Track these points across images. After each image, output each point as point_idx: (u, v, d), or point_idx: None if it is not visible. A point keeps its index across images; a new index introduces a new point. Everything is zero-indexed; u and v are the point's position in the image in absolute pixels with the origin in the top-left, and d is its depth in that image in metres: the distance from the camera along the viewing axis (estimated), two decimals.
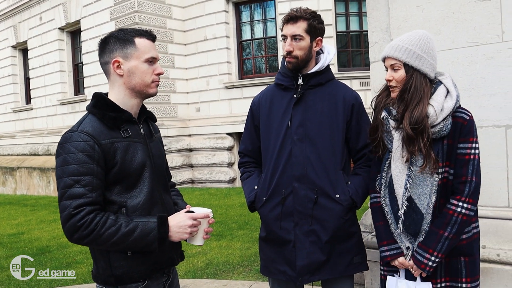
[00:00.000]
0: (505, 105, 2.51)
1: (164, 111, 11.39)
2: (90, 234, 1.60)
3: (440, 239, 1.92)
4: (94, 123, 1.71)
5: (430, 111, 1.92)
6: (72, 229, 1.60)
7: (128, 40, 1.76)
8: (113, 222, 1.63)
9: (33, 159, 13.79)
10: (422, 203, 1.96)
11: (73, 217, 1.59)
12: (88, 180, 1.62)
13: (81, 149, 1.63)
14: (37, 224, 8.03)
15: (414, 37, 1.97)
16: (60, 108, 13.75)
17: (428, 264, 1.94)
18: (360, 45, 10.98)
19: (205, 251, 5.50)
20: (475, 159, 1.93)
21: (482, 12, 2.55)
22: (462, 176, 1.93)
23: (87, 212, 1.60)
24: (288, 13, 2.27)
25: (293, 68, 2.29)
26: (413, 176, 1.96)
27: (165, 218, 1.73)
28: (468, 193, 1.91)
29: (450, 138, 1.94)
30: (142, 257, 1.74)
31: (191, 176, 11.51)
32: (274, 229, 2.31)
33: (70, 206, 1.59)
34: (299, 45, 2.24)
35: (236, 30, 11.44)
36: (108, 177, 1.69)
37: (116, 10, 11.42)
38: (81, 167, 1.62)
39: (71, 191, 1.61)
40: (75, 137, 1.65)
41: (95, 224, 1.60)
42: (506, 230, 2.52)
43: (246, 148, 2.53)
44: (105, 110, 1.73)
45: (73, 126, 1.72)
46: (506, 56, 2.50)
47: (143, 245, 1.68)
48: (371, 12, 3.01)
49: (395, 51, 1.98)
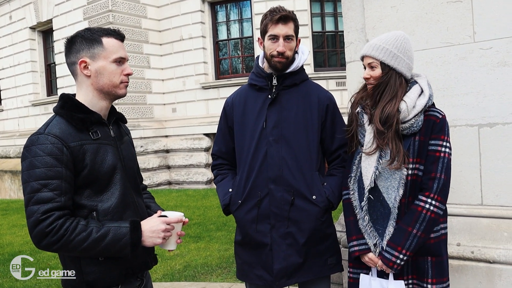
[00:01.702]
0: (477, 104, 2.55)
1: (140, 112, 11.25)
2: (60, 240, 1.54)
3: (409, 237, 1.94)
4: (62, 125, 1.65)
5: (402, 106, 1.97)
6: (40, 236, 1.54)
7: (95, 39, 1.70)
8: (83, 228, 1.58)
9: (4, 161, 13.43)
10: (390, 196, 1.99)
11: (41, 223, 1.53)
12: (57, 184, 1.57)
13: (49, 152, 1.57)
14: (8, 228, 7.80)
15: (392, 37, 2.03)
16: (32, 110, 13.43)
17: (396, 262, 1.96)
18: (335, 45, 11.07)
19: (183, 253, 5.44)
20: (445, 157, 1.97)
21: (454, 13, 2.59)
22: (432, 173, 1.96)
23: (56, 218, 1.54)
24: (274, 12, 2.22)
25: (282, 68, 2.26)
26: (382, 170, 2.00)
27: (138, 223, 1.69)
28: (436, 190, 1.94)
29: (422, 135, 1.98)
30: (114, 262, 1.70)
31: (168, 177, 11.40)
32: (250, 232, 2.28)
33: (38, 211, 1.54)
34: (290, 45, 2.24)
35: (212, 30, 11.39)
36: (77, 181, 1.63)
37: (89, 9, 11.22)
38: (48, 171, 1.56)
39: (39, 196, 1.55)
40: (42, 140, 1.59)
41: (64, 229, 1.54)
42: (480, 227, 2.56)
43: (219, 150, 2.49)
44: (73, 111, 1.67)
45: (39, 128, 1.65)
46: (478, 56, 2.54)
47: (115, 251, 1.63)
48: (347, 12, 3.02)
49: (372, 49, 2.03)
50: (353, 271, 2.19)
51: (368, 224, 2.05)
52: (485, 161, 2.55)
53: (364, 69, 2.10)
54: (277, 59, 2.24)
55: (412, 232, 1.94)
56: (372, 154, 2.01)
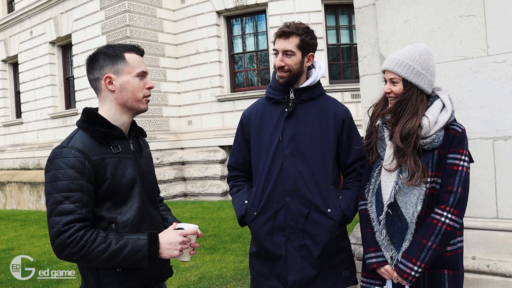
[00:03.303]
0: (491, 117, 2.55)
1: (156, 124, 11.38)
2: (80, 251, 1.59)
3: (423, 249, 1.93)
4: (84, 138, 1.70)
5: (424, 122, 1.96)
6: (62, 246, 1.58)
7: (118, 55, 1.77)
8: (103, 239, 1.62)
9: (24, 173, 13.66)
10: (408, 211, 1.98)
11: (62, 234, 1.58)
12: (78, 197, 1.61)
13: (72, 165, 1.62)
14: (27, 239, 7.93)
15: (415, 53, 1.99)
16: (51, 122, 13.67)
17: (411, 274, 1.95)
18: (350, 57, 11.09)
19: (198, 264, 5.47)
20: (463, 171, 1.96)
21: (467, 27, 2.61)
22: (448, 186, 1.95)
23: (77, 229, 1.59)
24: (280, 27, 2.28)
25: (285, 83, 2.30)
26: (401, 184, 1.99)
27: (156, 235, 1.73)
28: (453, 204, 1.93)
29: (441, 148, 1.97)
30: (132, 273, 1.73)
31: (184, 189, 11.47)
32: (265, 244, 2.31)
33: (60, 222, 1.58)
34: (290, 60, 2.26)
35: (227, 44, 11.51)
36: (98, 193, 1.68)
37: (108, 24, 11.45)
38: (71, 183, 1.61)
39: (61, 208, 1.60)
40: (66, 153, 1.64)
41: (85, 241, 1.59)
42: (495, 241, 2.55)
43: (235, 162, 2.53)
44: (95, 125, 1.73)
45: (63, 142, 1.71)
46: (492, 70, 2.54)
47: (133, 262, 1.67)
48: (360, 26, 3.06)
49: (395, 65, 2.00)
50: (366, 281, 2.19)
51: (385, 237, 2.05)
52: (500, 174, 2.55)
53: (385, 82, 2.09)
54: (278, 73, 2.30)
55: (427, 245, 1.93)
56: (392, 170, 2.02)
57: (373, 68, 2.99)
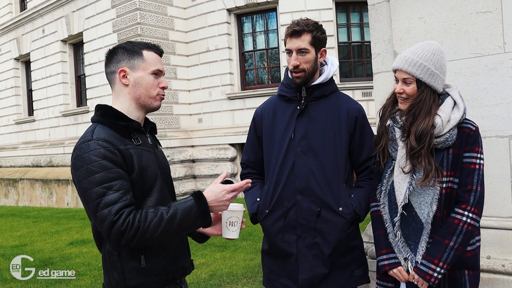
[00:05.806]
0: (508, 115, 2.52)
1: (167, 122, 11.42)
2: (136, 233, 1.56)
3: (446, 249, 1.90)
4: (106, 130, 1.69)
5: (437, 121, 1.93)
6: (118, 235, 1.55)
7: (136, 51, 1.78)
8: (153, 214, 1.60)
9: (36, 170, 13.80)
10: (423, 212, 1.95)
11: (115, 223, 1.54)
12: (120, 184, 1.59)
13: (103, 156, 1.60)
14: (39, 235, 8.01)
15: (428, 51, 1.95)
16: (62, 120, 13.80)
17: (433, 275, 1.91)
18: (361, 55, 11.03)
19: (209, 262, 5.48)
20: (480, 169, 1.93)
21: (483, 23, 2.57)
22: (467, 185, 1.92)
23: (127, 214, 1.56)
24: (290, 26, 2.25)
25: (302, 82, 2.28)
26: (415, 185, 1.96)
27: (200, 192, 1.70)
28: (473, 203, 1.91)
29: (456, 147, 1.95)
30: (156, 268, 1.73)
31: (194, 187, 11.50)
32: (277, 242, 2.30)
33: (110, 213, 1.55)
34: (305, 58, 2.24)
35: (238, 41, 11.51)
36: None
37: (119, 22, 11.51)
38: (109, 173, 1.59)
39: (107, 199, 1.57)
40: (93, 146, 1.62)
41: (138, 221, 1.56)
42: (511, 240, 2.51)
43: (248, 159, 2.53)
44: (115, 119, 1.73)
45: (84, 137, 1.67)
46: (509, 67, 2.51)
47: (189, 226, 1.66)
48: (374, 23, 3.03)
49: (409, 65, 1.95)
50: (380, 283, 2.17)
51: (400, 239, 2.02)
52: None
53: (396, 81, 2.04)
54: (294, 74, 2.27)
55: (449, 245, 1.90)
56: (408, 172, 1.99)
57: (387, 66, 2.96)
